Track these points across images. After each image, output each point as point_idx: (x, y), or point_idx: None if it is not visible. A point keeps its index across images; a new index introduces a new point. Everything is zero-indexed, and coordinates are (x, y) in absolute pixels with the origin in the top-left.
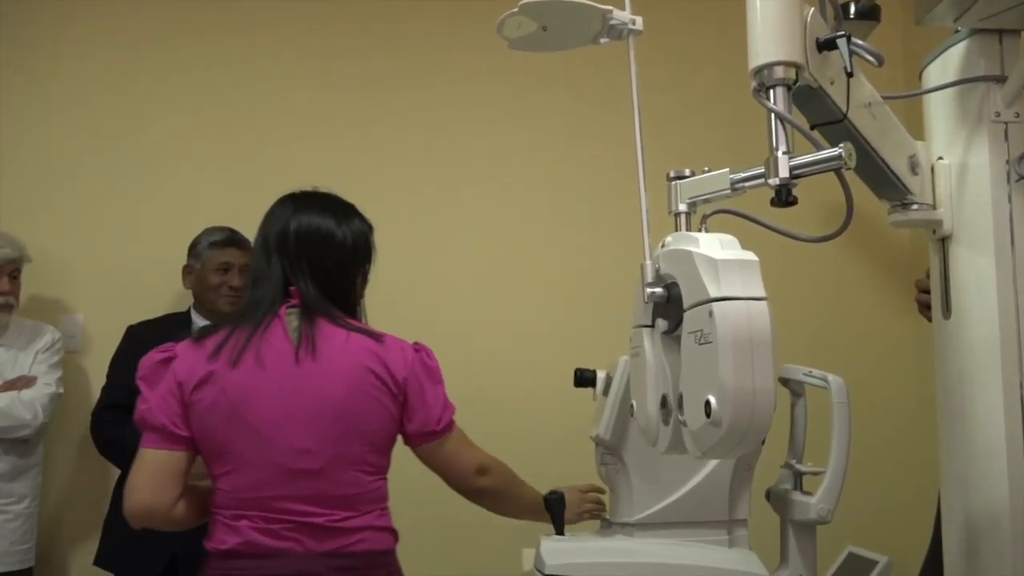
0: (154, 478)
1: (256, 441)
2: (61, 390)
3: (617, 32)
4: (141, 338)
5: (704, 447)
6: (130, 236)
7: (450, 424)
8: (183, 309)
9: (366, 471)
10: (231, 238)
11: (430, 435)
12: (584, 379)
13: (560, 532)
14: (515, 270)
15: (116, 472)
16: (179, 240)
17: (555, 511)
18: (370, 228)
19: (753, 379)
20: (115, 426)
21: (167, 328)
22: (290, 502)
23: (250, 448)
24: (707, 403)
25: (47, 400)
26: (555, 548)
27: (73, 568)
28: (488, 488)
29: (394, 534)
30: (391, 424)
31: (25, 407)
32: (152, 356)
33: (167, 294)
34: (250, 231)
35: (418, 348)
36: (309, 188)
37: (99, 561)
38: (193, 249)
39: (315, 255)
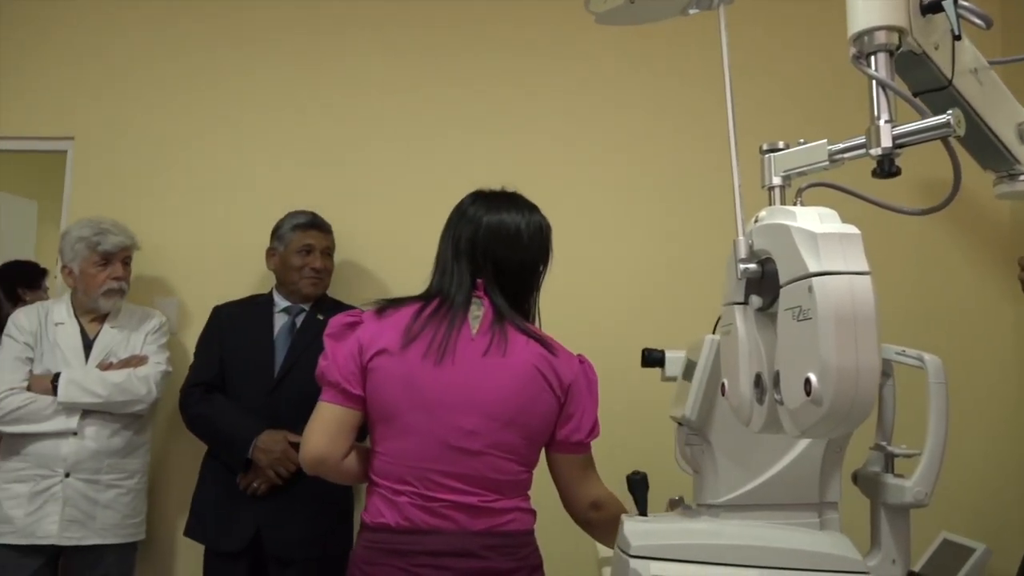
0: (328, 430)
1: (425, 414)
2: (171, 368)
3: (707, 2)
4: (225, 318)
5: (803, 426)
6: (221, 222)
7: (590, 444)
8: (267, 290)
9: (518, 462)
10: (313, 221)
11: (574, 445)
12: (652, 359)
13: (643, 513)
14: (596, 250)
15: (204, 447)
16: (266, 225)
17: (637, 492)
18: (549, 228)
19: (857, 356)
20: (201, 403)
21: (250, 308)
22: (447, 478)
23: (418, 420)
24: (807, 381)
25: (159, 376)
26: (640, 529)
27: (166, 539)
28: (595, 522)
29: (535, 515)
30: (549, 423)
31: (140, 382)
32: (341, 318)
33: (254, 276)
34: (331, 215)
35: (582, 360)
36: (498, 188)
37: (189, 532)
38: (276, 232)
39: (503, 255)
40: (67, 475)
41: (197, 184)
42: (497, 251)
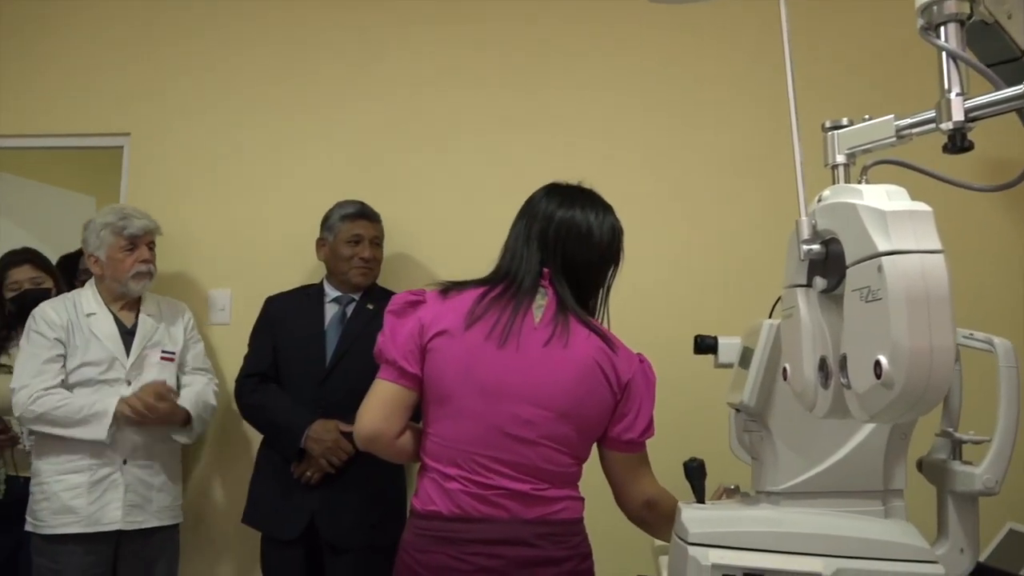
0: (384, 407)
1: (482, 400)
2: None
3: None
4: (277, 309)
5: (872, 410)
6: (273, 214)
7: (644, 443)
8: (318, 281)
9: (570, 455)
10: (361, 211)
11: (627, 444)
12: (705, 346)
13: (701, 500)
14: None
15: (259, 436)
16: (315, 216)
17: (695, 479)
18: (622, 231)
19: (930, 337)
20: (255, 393)
21: (301, 299)
22: (499, 465)
23: (473, 404)
24: (877, 363)
25: (215, 392)
26: (698, 516)
27: (225, 525)
28: (649, 521)
29: (584, 503)
30: (604, 418)
31: (209, 408)
32: (404, 295)
33: (305, 267)
34: (380, 205)
35: (642, 359)
36: (575, 182)
37: (246, 519)
38: (325, 223)
39: (573, 251)
40: (124, 462)
41: (249, 177)
42: (567, 247)
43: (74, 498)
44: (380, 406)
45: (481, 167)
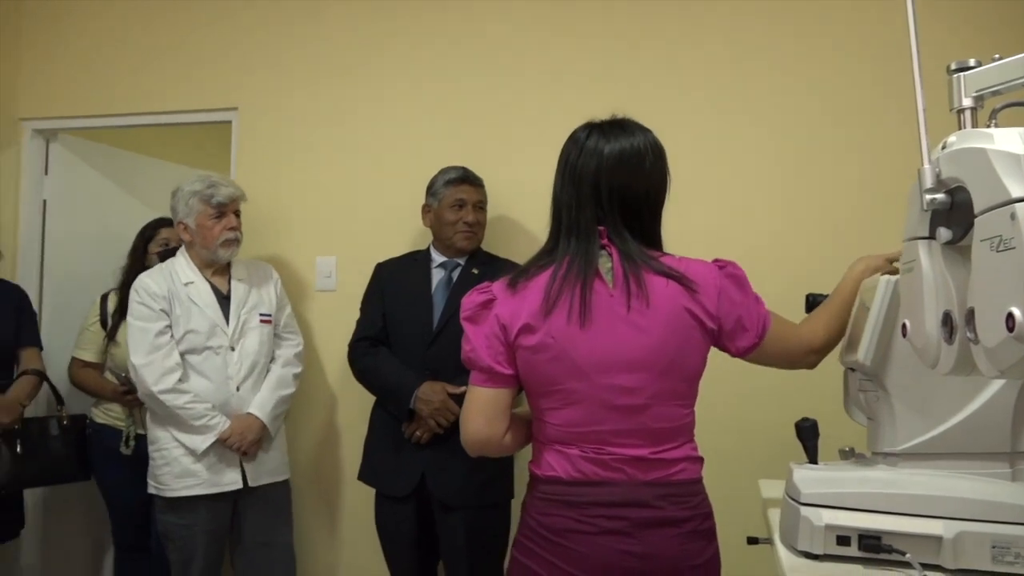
0: (486, 412)
1: (583, 381)
2: (301, 336)
3: None
4: (386, 274)
5: (1003, 365)
6: (376, 182)
7: (766, 325)
8: (424, 247)
9: (682, 405)
10: (464, 176)
11: (754, 346)
12: (817, 304)
13: (813, 460)
14: (747, 195)
15: (371, 398)
16: (420, 183)
17: (807, 439)
18: (664, 149)
19: None
20: (366, 356)
21: (408, 264)
22: (617, 436)
23: (577, 388)
24: (1009, 316)
25: (301, 357)
26: (811, 476)
27: (340, 482)
28: (819, 359)
29: (702, 462)
30: (704, 358)
31: (294, 379)
32: (473, 298)
33: (407, 234)
34: (484, 171)
35: (721, 265)
36: (607, 117)
37: (361, 476)
38: (430, 189)
39: (627, 184)
40: None
41: (353, 146)
42: (622, 182)
43: (194, 462)
44: (481, 413)
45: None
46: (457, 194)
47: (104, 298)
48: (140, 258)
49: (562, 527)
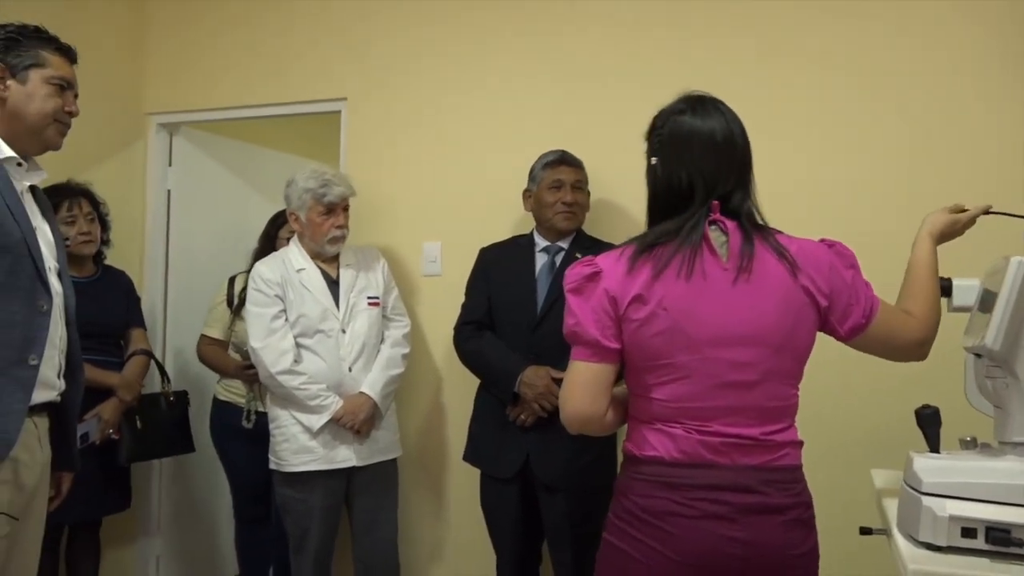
0: (589, 389)
1: (696, 354)
2: (408, 318)
3: None
4: (491, 258)
5: None
6: (480, 169)
7: (874, 308)
8: (527, 232)
9: (791, 384)
10: (562, 157)
11: (861, 327)
12: (940, 288)
13: (935, 449)
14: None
15: (477, 381)
16: (519, 169)
17: (928, 427)
18: None
19: None
20: (472, 340)
21: (512, 249)
22: (725, 414)
23: (690, 361)
24: None
25: (408, 337)
26: (933, 466)
27: (446, 463)
28: (929, 348)
29: (802, 447)
30: (814, 336)
31: (403, 358)
32: (578, 270)
33: (510, 219)
34: (587, 155)
35: (830, 244)
36: (696, 93)
37: (467, 457)
38: (530, 174)
39: (734, 166)
40: None
41: (457, 133)
42: (729, 157)
43: (310, 439)
44: (584, 389)
45: None
46: (555, 175)
47: (232, 279)
48: (271, 242)
49: (662, 509)
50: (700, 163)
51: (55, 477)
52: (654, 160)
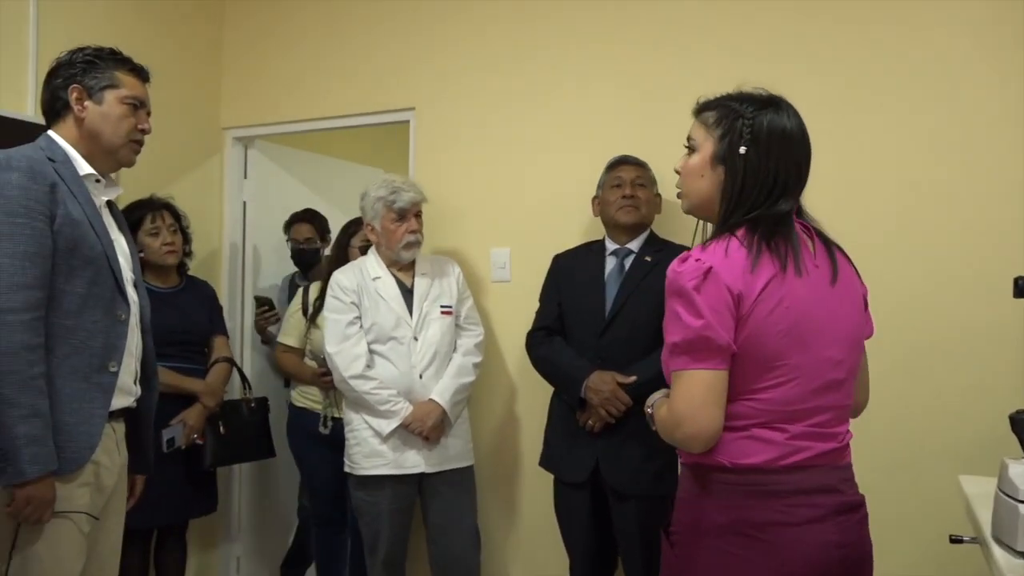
0: (720, 401)
1: (807, 352)
2: (482, 327)
3: None
4: (562, 264)
5: None
6: (545, 176)
7: (872, 332)
8: (597, 238)
9: (856, 381)
10: (622, 158)
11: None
12: (1015, 288)
13: None
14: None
15: (549, 386)
16: (585, 176)
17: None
18: None
19: None
20: (541, 346)
21: (583, 254)
22: (820, 413)
23: (801, 359)
24: None
25: (480, 346)
26: None
27: (520, 468)
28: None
29: None
30: None
31: (475, 368)
32: (695, 266)
33: (578, 225)
34: (655, 161)
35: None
36: (767, 92)
37: (542, 462)
38: (599, 180)
39: (803, 168)
40: None
41: (524, 141)
42: (801, 158)
43: (380, 443)
44: (717, 402)
45: None
46: (615, 174)
47: (306, 288)
48: (343, 251)
49: (763, 520)
50: (788, 162)
51: (130, 480)
52: (743, 149)
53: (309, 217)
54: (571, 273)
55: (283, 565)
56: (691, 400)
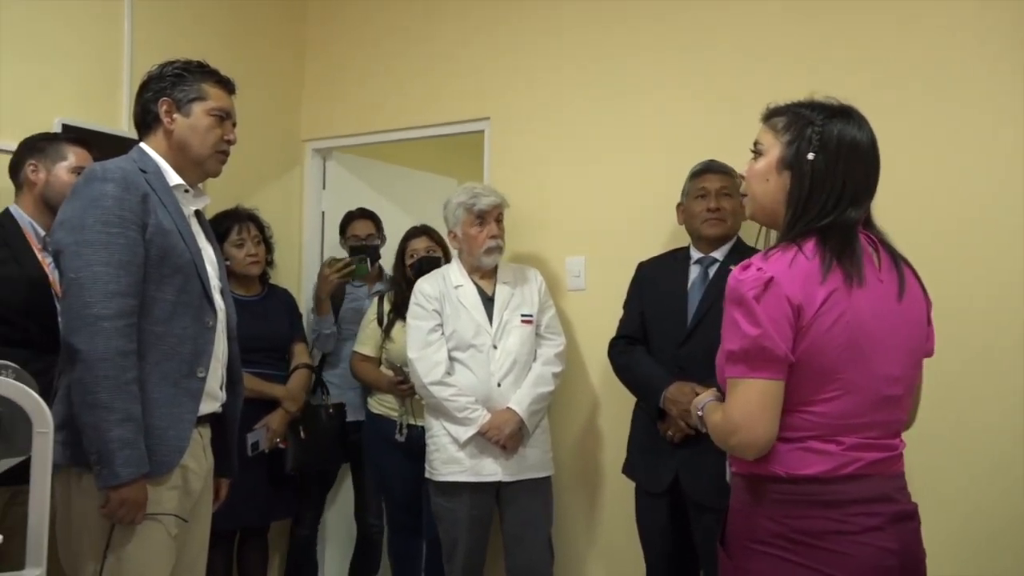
0: (777, 410)
1: (864, 367)
2: (564, 339)
3: None
4: (646, 272)
5: None
6: (620, 184)
7: (933, 351)
8: (674, 246)
9: (911, 396)
10: (707, 166)
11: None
12: None
13: None
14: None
15: (631, 396)
16: (662, 183)
17: None
18: None
19: None
20: (622, 355)
21: (667, 263)
22: (875, 427)
23: (858, 374)
24: None
25: (562, 357)
26: None
27: (601, 477)
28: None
29: None
30: None
31: (554, 377)
32: (753, 275)
33: (656, 233)
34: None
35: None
36: (839, 102)
37: (624, 470)
38: (683, 187)
39: (874, 180)
40: None
41: (599, 149)
42: (871, 170)
43: (458, 450)
44: (772, 411)
45: None
46: (700, 184)
47: (381, 298)
48: (400, 268)
49: (820, 529)
50: (857, 172)
51: (215, 483)
52: (811, 156)
53: (369, 214)
54: (655, 281)
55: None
56: (747, 408)
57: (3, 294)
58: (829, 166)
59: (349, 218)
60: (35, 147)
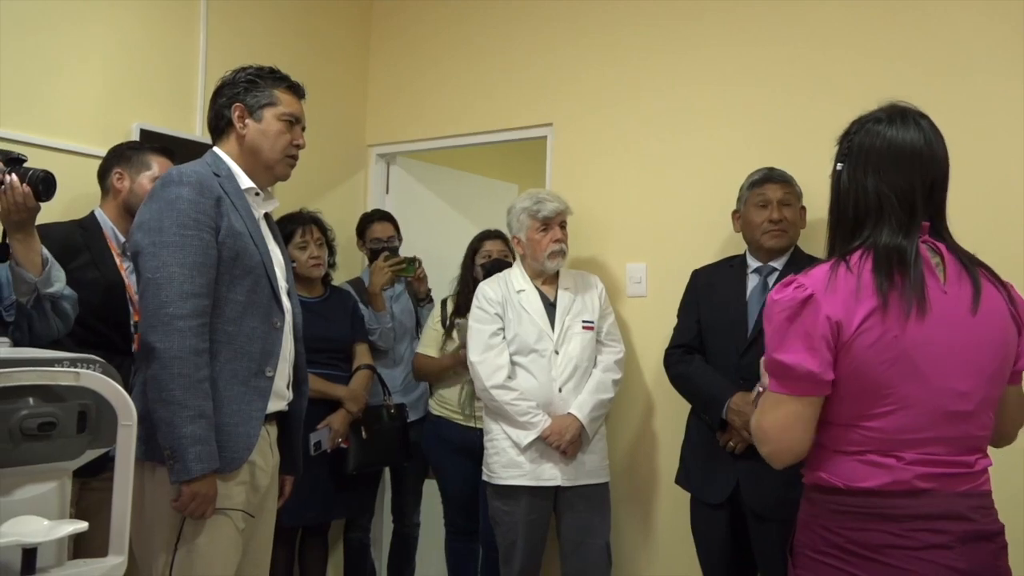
0: (810, 427)
1: (921, 383)
2: (623, 346)
3: None
4: (702, 280)
5: None
6: (682, 190)
7: None
8: (733, 252)
9: (995, 412)
10: (768, 175)
11: (1017, 374)
12: None
13: None
14: None
15: (686, 403)
16: (722, 189)
17: None
18: None
19: None
20: (680, 364)
21: (724, 270)
22: (941, 444)
23: (912, 391)
24: None
25: (621, 365)
26: None
27: (656, 485)
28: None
29: None
30: (1013, 364)
31: (614, 384)
32: (789, 294)
33: (716, 239)
34: (798, 172)
35: (1008, 285)
36: (900, 104)
37: (678, 480)
38: (739, 194)
39: (940, 184)
40: None
41: (661, 155)
42: (937, 174)
43: (518, 454)
44: (802, 428)
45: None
46: (760, 193)
47: (444, 301)
48: (469, 267)
49: (879, 543)
50: (892, 176)
51: (280, 480)
52: (839, 165)
53: (388, 216)
54: (711, 289)
55: None
56: (775, 423)
57: (82, 297)
58: (854, 175)
59: (368, 220)
60: (122, 155)
